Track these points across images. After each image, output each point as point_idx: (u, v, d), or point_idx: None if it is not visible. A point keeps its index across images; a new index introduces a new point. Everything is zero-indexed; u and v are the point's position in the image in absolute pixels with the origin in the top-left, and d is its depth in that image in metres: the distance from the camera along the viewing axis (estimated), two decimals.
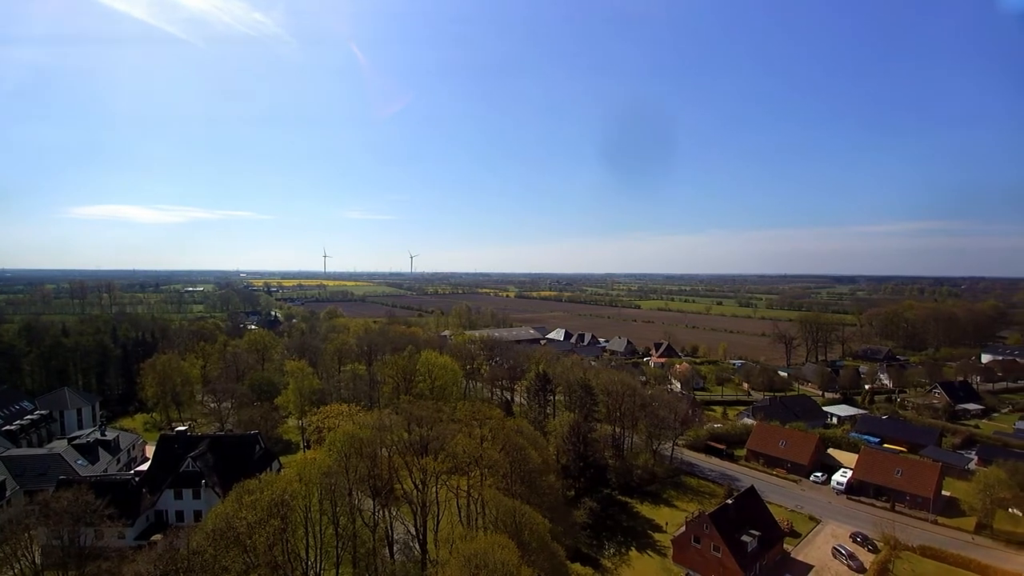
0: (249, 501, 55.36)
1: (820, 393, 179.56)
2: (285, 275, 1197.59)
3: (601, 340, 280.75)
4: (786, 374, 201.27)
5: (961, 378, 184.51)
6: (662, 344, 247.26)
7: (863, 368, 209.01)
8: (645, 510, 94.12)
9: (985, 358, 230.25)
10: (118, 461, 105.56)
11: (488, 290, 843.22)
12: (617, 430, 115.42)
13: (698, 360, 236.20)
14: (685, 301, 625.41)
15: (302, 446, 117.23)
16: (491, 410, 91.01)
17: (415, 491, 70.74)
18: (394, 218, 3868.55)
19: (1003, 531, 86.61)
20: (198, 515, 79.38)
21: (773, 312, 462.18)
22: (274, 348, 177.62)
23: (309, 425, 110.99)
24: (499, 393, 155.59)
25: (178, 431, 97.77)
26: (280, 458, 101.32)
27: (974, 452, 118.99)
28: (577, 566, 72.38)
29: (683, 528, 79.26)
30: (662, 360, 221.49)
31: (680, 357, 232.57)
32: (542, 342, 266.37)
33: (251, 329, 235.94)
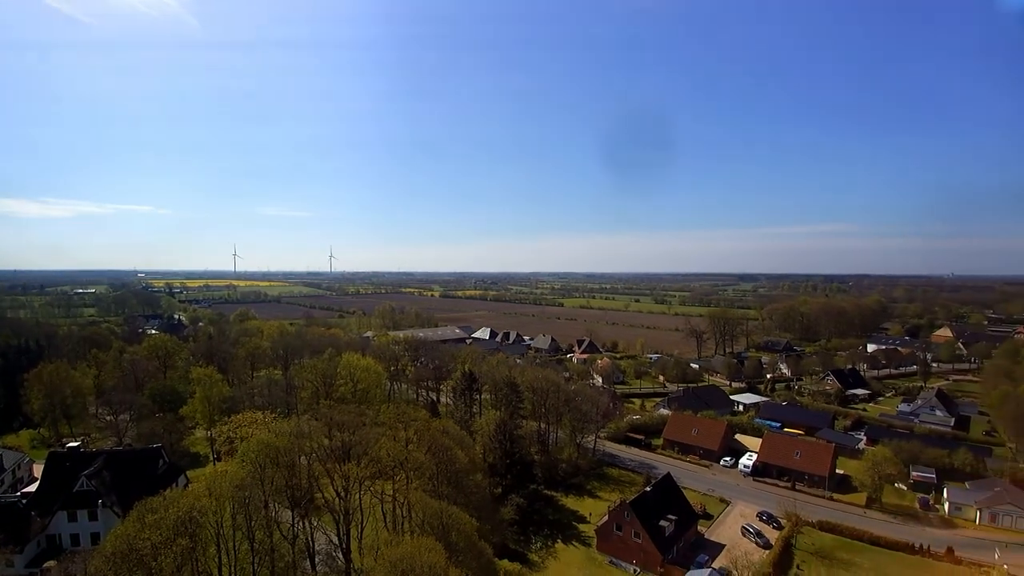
0: (153, 520, 50.90)
1: (728, 383, 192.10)
2: (190, 275, 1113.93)
3: (526, 338, 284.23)
4: (697, 366, 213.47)
5: (850, 366, 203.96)
6: (584, 341, 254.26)
7: (765, 359, 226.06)
8: (570, 502, 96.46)
9: (871, 347, 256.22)
10: (1, 483, 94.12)
11: (412, 289, 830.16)
12: (542, 426, 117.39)
13: (618, 355, 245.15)
14: (606, 299, 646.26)
15: (212, 458, 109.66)
16: (416, 412, 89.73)
17: (337, 499, 68.23)
18: (313, 215, 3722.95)
19: (890, 504, 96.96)
20: (96, 538, 72.26)
21: (685, 308, 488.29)
22: (178, 354, 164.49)
23: (219, 436, 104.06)
24: (425, 394, 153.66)
25: (70, 447, 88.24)
26: (187, 472, 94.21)
27: (863, 433, 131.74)
28: (505, 562, 72.85)
29: (606, 517, 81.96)
30: (584, 356, 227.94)
31: (601, 353, 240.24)
32: (468, 341, 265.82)
33: (151, 334, 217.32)
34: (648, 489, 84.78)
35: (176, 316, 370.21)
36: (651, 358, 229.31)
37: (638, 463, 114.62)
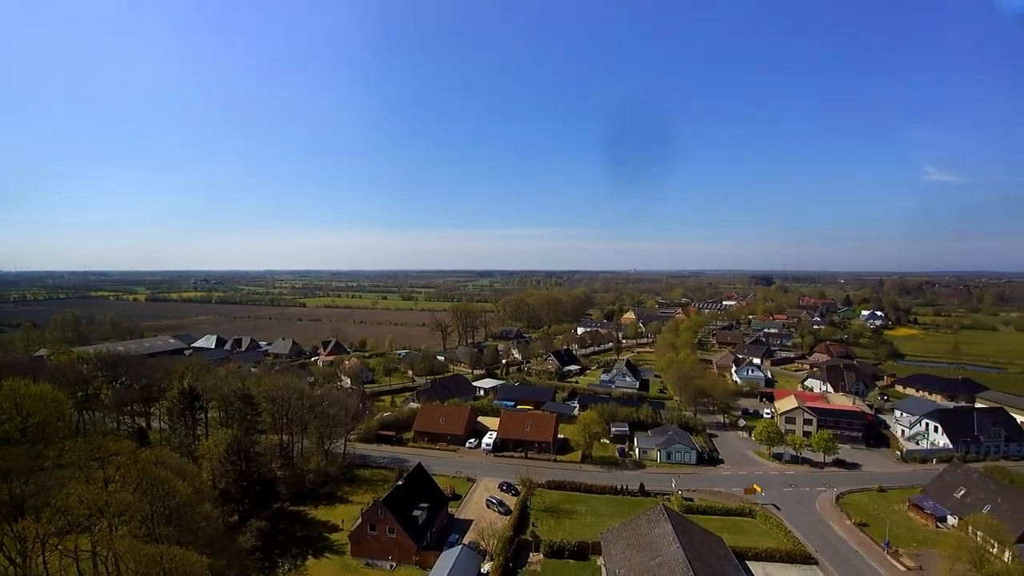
0: None
1: (471, 371, 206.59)
2: None
3: (262, 343, 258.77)
4: (443, 358, 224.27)
5: (565, 347, 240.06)
6: (330, 342, 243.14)
7: (501, 346, 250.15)
8: (320, 514, 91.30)
9: (580, 330, 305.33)
10: None
11: (107, 293, 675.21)
12: (285, 438, 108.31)
13: (367, 354, 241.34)
14: (352, 297, 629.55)
15: None
16: (119, 443, 73.58)
17: (11, 566, 51.79)
18: None
19: (598, 457, 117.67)
20: None
21: (431, 304, 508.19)
22: None
23: None
24: (131, 421, 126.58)
25: None
26: None
27: (576, 401, 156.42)
28: None
29: (359, 521, 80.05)
30: (331, 358, 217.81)
31: (349, 353, 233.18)
32: (187, 352, 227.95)
33: None
34: (400, 483, 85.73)
35: None
36: (400, 354, 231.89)
37: (391, 459, 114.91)
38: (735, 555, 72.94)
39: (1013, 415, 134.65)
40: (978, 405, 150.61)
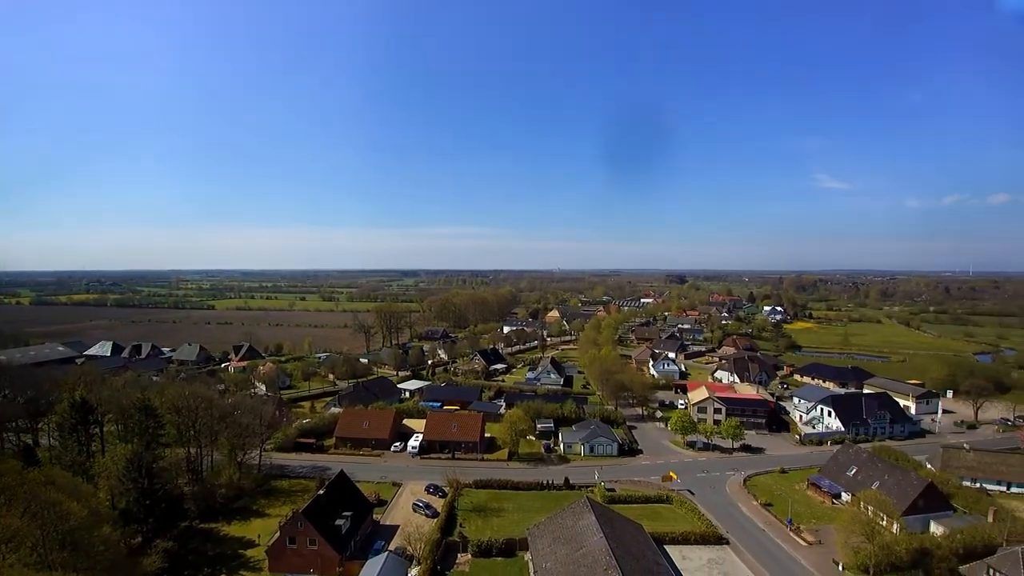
0: None
1: (395, 372, 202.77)
2: None
3: (165, 349, 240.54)
4: (367, 360, 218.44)
5: (492, 346, 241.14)
6: (243, 346, 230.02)
7: (426, 346, 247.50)
8: (234, 530, 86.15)
9: (506, 329, 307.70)
10: None
11: None
12: (193, 451, 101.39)
13: (283, 358, 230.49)
14: (267, 298, 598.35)
15: None
16: (2, 463, 66.10)
17: None
18: None
19: (525, 454, 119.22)
20: None
21: (353, 304, 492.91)
22: None
23: None
24: (15, 438, 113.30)
25: None
26: None
27: (503, 400, 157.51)
28: None
29: (277, 534, 76.40)
30: (243, 363, 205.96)
31: (264, 358, 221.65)
32: (79, 361, 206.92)
33: None
34: (321, 492, 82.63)
35: None
36: (320, 357, 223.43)
37: (311, 468, 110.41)
38: (654, 540, 76.75)
39: (896, 399, 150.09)
40: (866, 391, 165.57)
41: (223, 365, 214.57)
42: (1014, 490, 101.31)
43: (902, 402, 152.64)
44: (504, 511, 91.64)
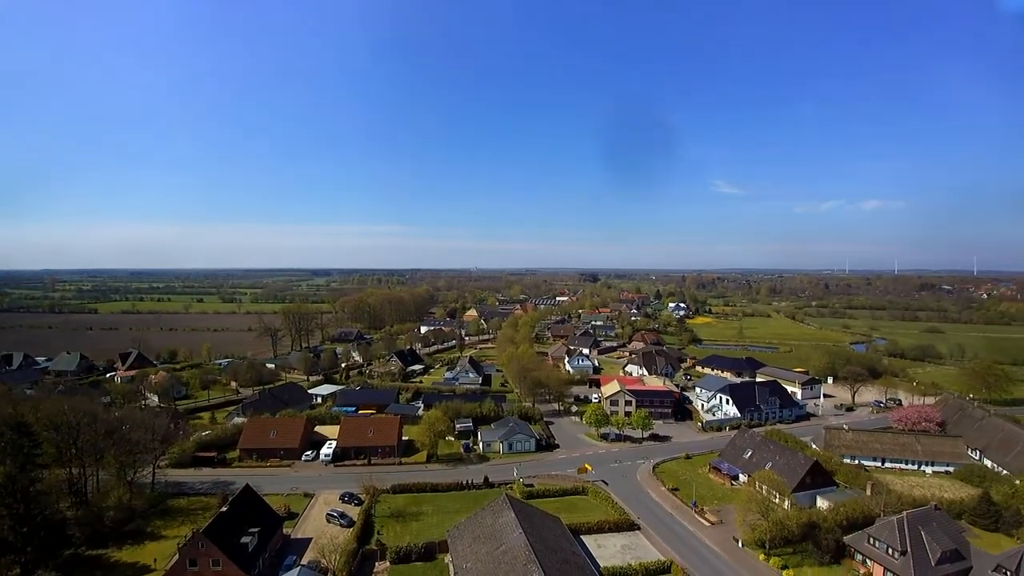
0: None
1: (306, 377, 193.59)
2: None
3: (41, 359, 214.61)
4: (274, 365, 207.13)
5: (409, 347, 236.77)
6: (131, 354, 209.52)
7: (339, 349, 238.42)
8: (127, 555, 78.22)
9: (423, 329, 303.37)
10: None
11: None
12: (75, 471, 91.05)
13: (178, 366, 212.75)
14: (159, 300, 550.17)
15: None
16: None
17: None
18: None
19: (444, 455, 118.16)
20: None
21: (258, 306, 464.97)
22: None
23: None
24: None
25: None
26: None
27: (421, 401, 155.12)
28: None
29: (175, 557, 70.32)
30: (131, 373, 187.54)
31: (155, 366, 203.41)
32: None
33: None
34: (224, 509, 77.03)
35: None
36: (221, 364, 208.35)
37: (212, 484, 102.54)
38: (571, 532, 78.92)
39: (784, 386, 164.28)
40: (758, 379, 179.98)
41: (108, 375, 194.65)
42: (888, 465, 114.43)
43: (789, 388, 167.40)
44: (423, 515, 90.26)
